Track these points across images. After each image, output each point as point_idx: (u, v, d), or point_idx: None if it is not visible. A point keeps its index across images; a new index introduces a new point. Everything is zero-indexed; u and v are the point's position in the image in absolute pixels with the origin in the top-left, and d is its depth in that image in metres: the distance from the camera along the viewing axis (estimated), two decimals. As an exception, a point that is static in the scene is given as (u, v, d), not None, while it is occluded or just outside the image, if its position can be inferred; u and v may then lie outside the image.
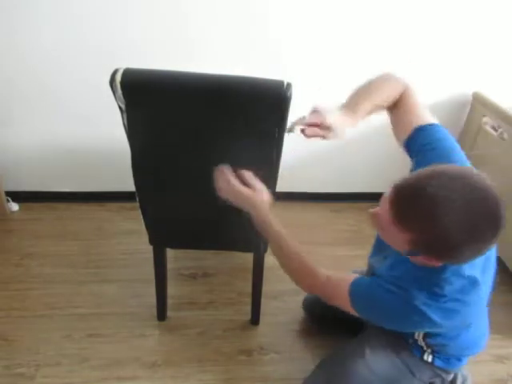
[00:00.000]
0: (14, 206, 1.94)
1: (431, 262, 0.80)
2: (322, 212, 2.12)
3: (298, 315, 1.53)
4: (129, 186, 1.12)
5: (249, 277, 1.38)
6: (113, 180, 1.96)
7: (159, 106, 0.92)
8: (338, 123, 0.92)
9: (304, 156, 1.98)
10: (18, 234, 1.83)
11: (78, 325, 1.43)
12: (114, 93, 0.89)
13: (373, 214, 0.82)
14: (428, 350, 1.07)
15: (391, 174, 0.91)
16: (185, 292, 1.59)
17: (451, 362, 1.08)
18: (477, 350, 1.08)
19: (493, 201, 0.72)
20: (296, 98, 0.90)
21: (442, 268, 0.83)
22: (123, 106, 0.91)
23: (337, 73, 1.76)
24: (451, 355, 1.07)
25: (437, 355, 1.07)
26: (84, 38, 1.58)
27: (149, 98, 0.90)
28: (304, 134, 0.92)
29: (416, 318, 0.85)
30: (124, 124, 0.96)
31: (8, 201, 1.91)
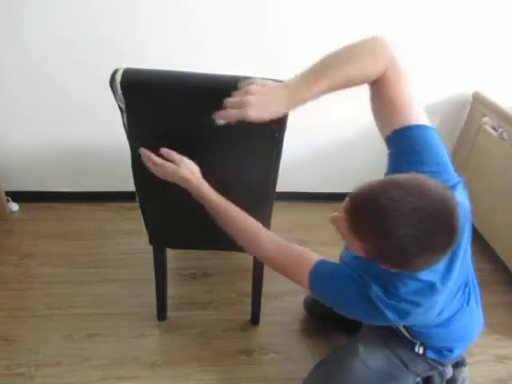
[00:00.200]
0: (14, 206, 1.94)
1: (387, 268, 0.80)
2: (322, 212, 2.10)
3: (298, 315, 1.54)
4: (129, 185, 1.12)
5: (249, 277, 1.38)
6: (113, 180, 1.96)
7: (159, 106, 0.92)
8: (272, 100, 0.78)
9: (304, 156, 1.98)
10: (18, 234, 1.83)
11: (78, 325, 1.43)
12: (114, 93, 0.89)
13: (333, 219, 0.81)
14: (418, 342, 1.06)
15: (391, 173, 0.91)
16: (185, 292, 1.59)
17: (444, 353, 1.06)
18: (468, 341, 1.08)
19: (447, 212, 0.70)
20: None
21: (399, 271, 0.83)
22: (123, 106, 0.91)
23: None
24: (441, 347, 1.06)
25: (427, 347, 1.06)
26: (84, 39, 1.58)
27: (149, 98, 0.90)
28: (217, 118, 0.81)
29: (368, 309, 0.86)
30: (124, 124, 0.96)
31: (8, 201, 1.91)
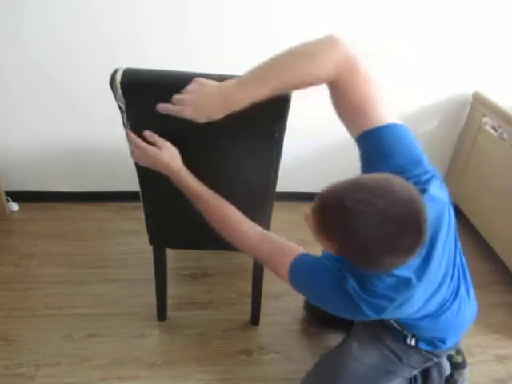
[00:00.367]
0: (14, 206, 1.94)
1: (356, 266, 0.80)
2: (322, 212, 2.12)
3: (298, 315, 1.53)
4: (129, 185, 1.12)
5: (249, 277, 1.38)
6: (113, 180, 1.96)
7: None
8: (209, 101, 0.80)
9: (304, 156, 1.98)
10: (18, 234, 1.82)
11: (78, 325, 1.43)
12: (114, 93, 0.89)
13: (306, 217, 0.82)
14: (409, 334, 1.05)
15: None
16: (185, 292, 1.59)
17: (436, 344, 1.05)
18: (460, 330, 1.06)
19: (412, 213, 0.70)
20: (296, 97, 0.90)
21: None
22: (123, 106, 0.91)
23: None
24: (432, 337, 1.04)
25: (419, 338, 1.05)
26: (83, 39, 1.58)
27: (149, 98, 0.90)
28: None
29: (347, 303, 0.85)
30: (124, 124, 0.96)
31: (8, 201, 1.91)
